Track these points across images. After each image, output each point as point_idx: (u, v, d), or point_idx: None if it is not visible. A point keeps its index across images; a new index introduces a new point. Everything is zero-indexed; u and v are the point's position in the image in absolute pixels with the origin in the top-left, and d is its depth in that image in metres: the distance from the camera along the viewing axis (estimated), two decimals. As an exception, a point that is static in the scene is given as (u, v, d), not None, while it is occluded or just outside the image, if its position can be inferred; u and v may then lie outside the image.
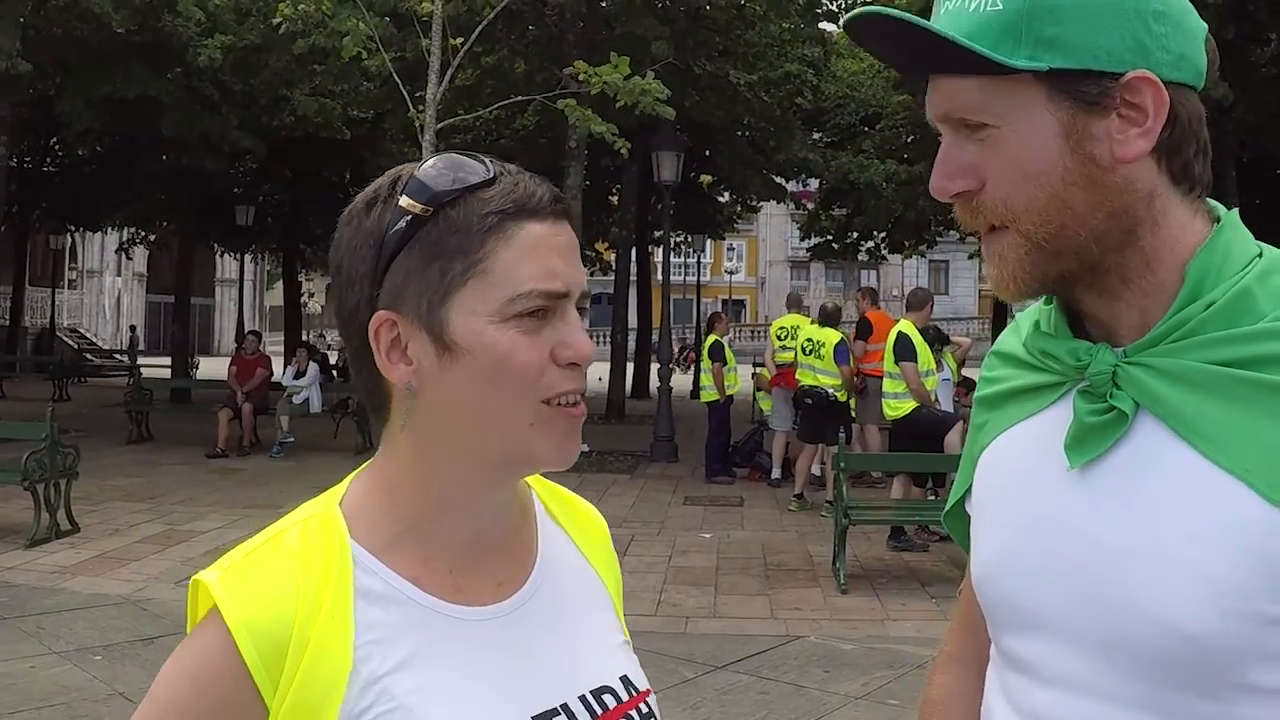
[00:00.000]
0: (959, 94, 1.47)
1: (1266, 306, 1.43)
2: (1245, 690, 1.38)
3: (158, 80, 22.45)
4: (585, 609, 1.64)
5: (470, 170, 1.44)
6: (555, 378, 1.43)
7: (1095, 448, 1.49)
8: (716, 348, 18.40)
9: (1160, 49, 1.43)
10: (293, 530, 1.47)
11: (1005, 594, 1.61)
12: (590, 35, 20.61)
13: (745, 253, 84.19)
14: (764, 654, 9.02)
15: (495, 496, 1.53)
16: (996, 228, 1.50)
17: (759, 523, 14.91)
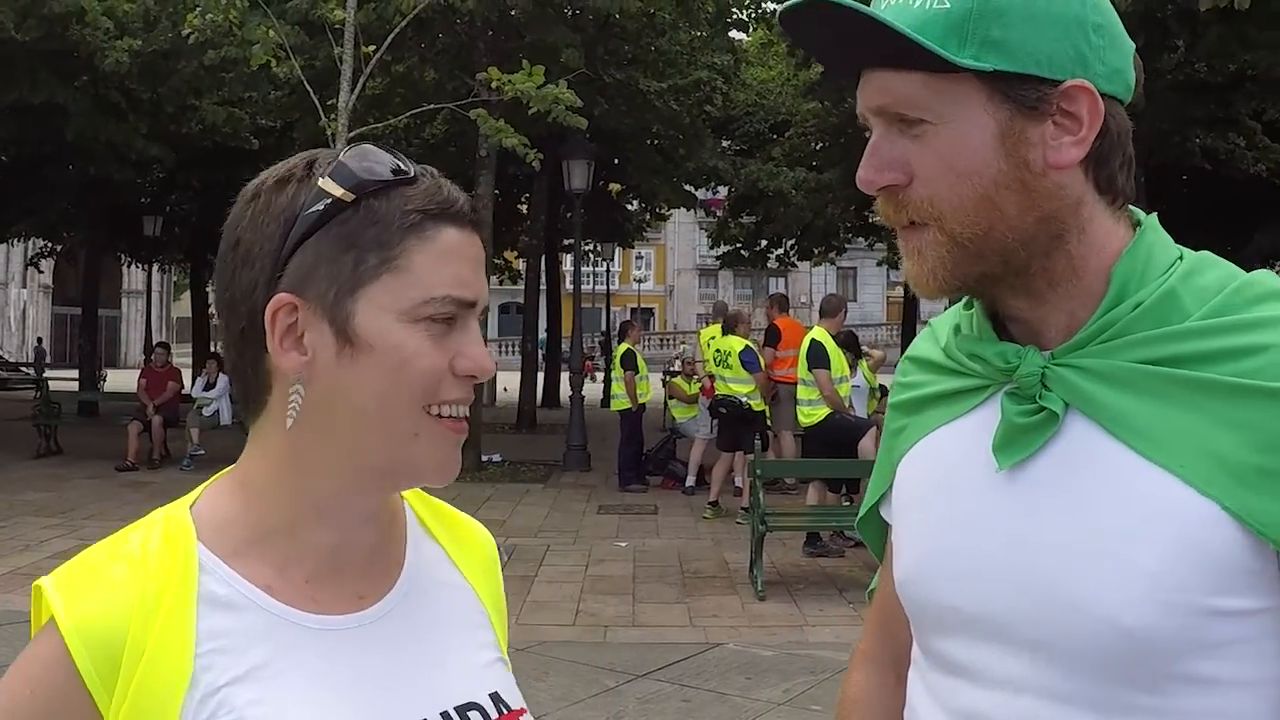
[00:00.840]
0: (897, 88, 1.47)
1: (1191, 306, 1.46)
2: (1183, 681, 1.40)
3: (65, 88, 22.16)
4: (454, 625, 1.58)
5: (394, 164, 1.40)
6: (449, 386, 1.40)
7: (1025, 448, 1.50)
8: (629, 356, 18.44)
9: (1098, 60, 1.46)
10: (135, 533, 1.42)
11: (934, 597, 1.61)
12: (501, 43, 20.56)
13: (654, 261, 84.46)
14: (685, 662, 9.02)
15: (363, 507, 1.48)
16: (917, 224, 1.50)
17: (674, 531, 14.94)
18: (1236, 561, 1.37)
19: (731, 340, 15.89)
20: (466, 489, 18.41)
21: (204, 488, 1.48)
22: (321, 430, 1.39)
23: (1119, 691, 1.43)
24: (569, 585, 11.75)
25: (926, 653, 1.67)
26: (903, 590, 1.69)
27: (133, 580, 1.34)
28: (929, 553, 1.63)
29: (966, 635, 1.56)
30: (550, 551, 13.48)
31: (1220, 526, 1.37)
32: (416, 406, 1.38)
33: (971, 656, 1.56)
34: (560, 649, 9.36)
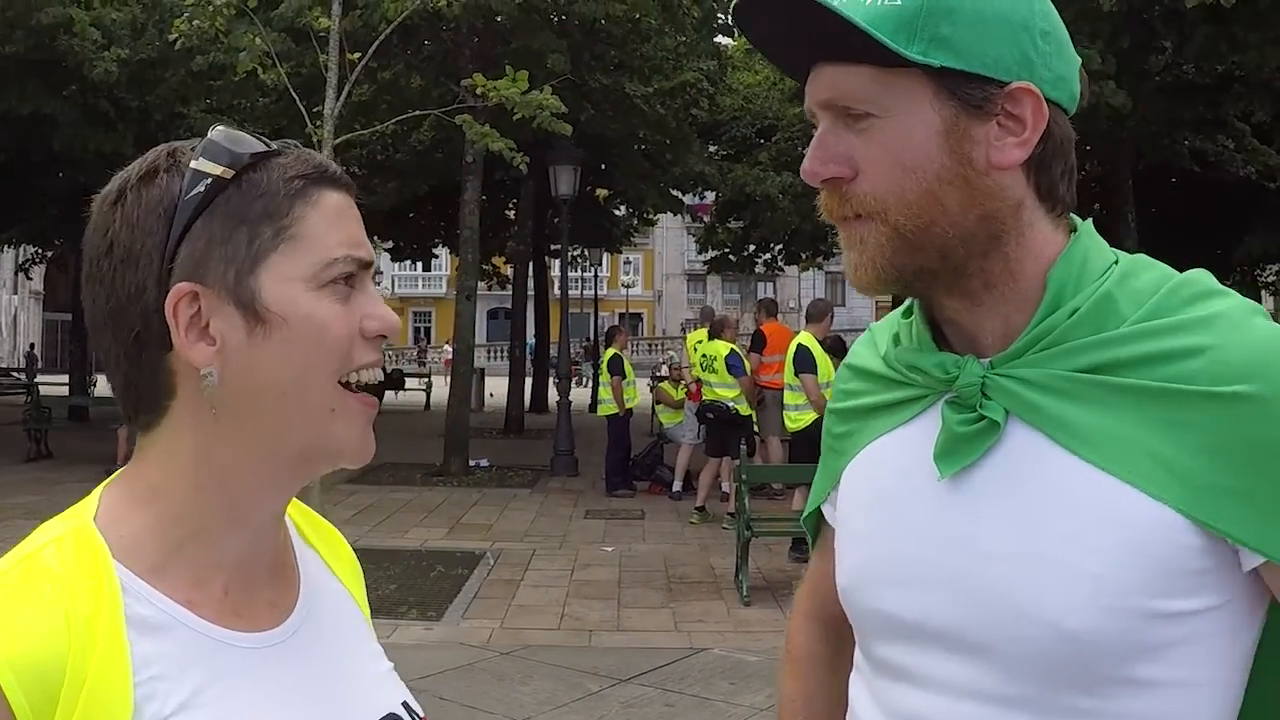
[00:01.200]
0: (846, 81, 1.48)
1: (1127, 310, 1.47)
2: (1125, 683, 1.42)
3: (53, 98, 22.13)
4: (351, 634, 1.56)
5: (261, 141, 1.37)
6: (361, 350, 1.37)
7: (966, 457, 1.52)
8: (616, 361, 18.43)
9: (1044, 66, 1.48)
10: (46, 551, 1.29)
11: (876, 604, 1.63)
12: (486, 50, 20.56)
13: (642, 266, 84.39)
14: (669, 666, 9.03)
15: (276, 505, 1.43)
16: (861, 216, 1.51)
17: (661, 536, 14.94)
18: (1185, 563, 1.39)
19: (717, 345, 15.90)
20: (454, 493, 18.44)
21: (97, 498, 1.38)
22: (236, 421, 1.33)
23: (1061, 695, 1.44)
24: (554, 590, 11.76)
25: (869, 657, 1.68)
26: (845, 597, 1.71)
27: (61, 604, 1.23)
28: (871, 560, 1.65)
29: (909, 641, 1.58)
30: (536, 556, 13.48)
31: (1171, 529, 1.38)
32: (333, 379, 1.34)
33: (914, 662, 1.57)
34: (544, 653, 9.37)
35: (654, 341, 73.52)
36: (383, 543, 14.13)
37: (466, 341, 21.66)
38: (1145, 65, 19.04)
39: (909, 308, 1.68)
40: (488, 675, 8.79)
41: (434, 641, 9.78)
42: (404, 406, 37.87)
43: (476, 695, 8.26)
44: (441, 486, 19.30)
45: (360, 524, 15.45)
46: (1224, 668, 1.46)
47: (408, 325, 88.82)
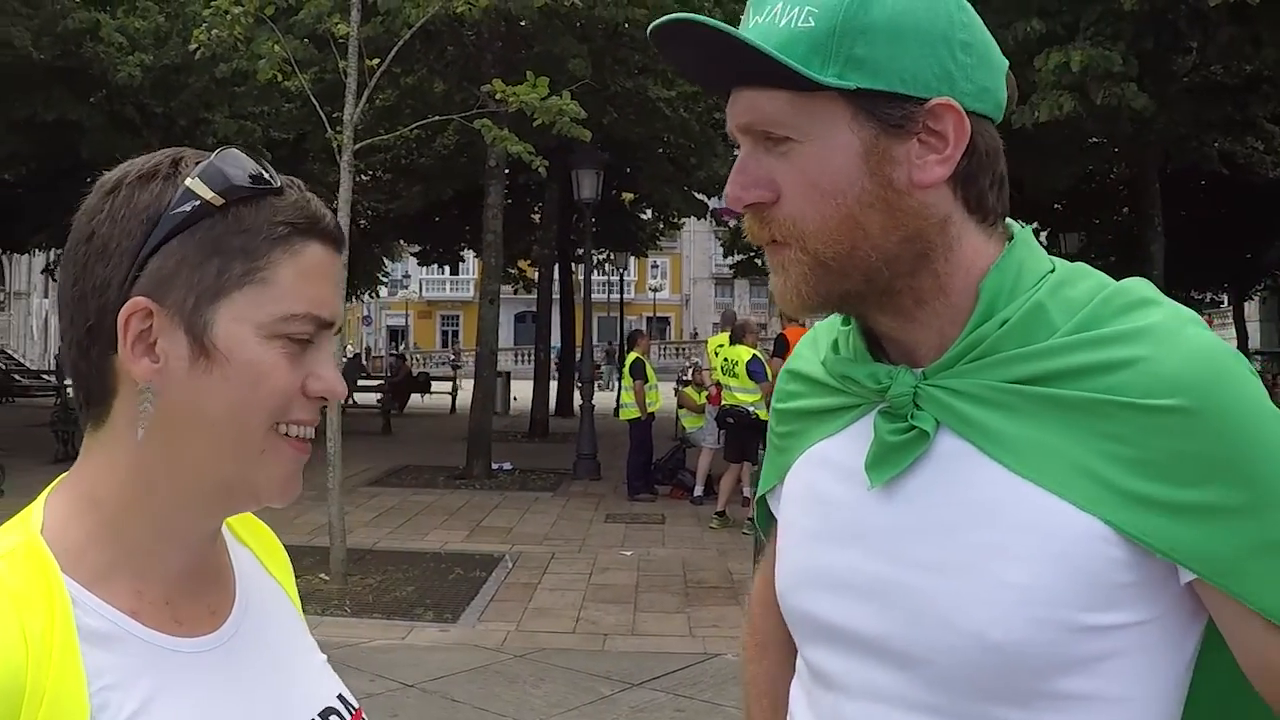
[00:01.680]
0: (763, 106, 1.47)
1: (1059, 320, 1.46)
2: (1053, 697, 1.42)
3: (79, 104, 22.25)
4: (287, 629, 1.58)
5: (261, 172, 1.36)
6: (299, 407, 1.37)
7: (895, 466, 1.51)
8: (638, 365, 18.40)
9: (965, 79, 1.46)
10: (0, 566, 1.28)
11: (808, 608, 1.64)
12: (509, 54, 20.61)
13: (669, 270, 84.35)
14: (681, 671, 9.04)
15: (210, 523, 1.44)
16: (780, 241, 1.50)
17: (680, 540, 14.92)
18: (1114, 576, 1.38)
19: (739, 350, 15.84)
20: (476, 496, 18.46)
21: (42, 507, 1.38)
22: (169, 442, 1.33)
23: (988, 708, 1.44)
24: (571, 593, 11.78)
25: (805, 661, 1.69)
26: (781, 599, 1.71)
27: (15, 618, 1.23)
28: (805, 565, 1.65)
29: (839, 648, 1.58)
30: (555, 559, 13.50)
31: (1100, 542, 1.38)
32: (266, 424, 1.34)
33: (844, 669, 1.58)
34: (558, 656, 9.39)
35: (681, 345, 73.47)
36: (403, 545, 14.19)
37: (489, 345, 21.69)
38: (1171, 67, 18.82)
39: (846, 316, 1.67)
40: (500, 677, 8.81)
41: (449, 643, 9.81)
42: (430, 409, 37.96)
43: (488, 697, 8.28)
44: (463, 489, 19.33)
45: (381, 526, 15.53)
46: (1157, 684, 1.45)
47: (435, 329, 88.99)
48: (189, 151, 1.38)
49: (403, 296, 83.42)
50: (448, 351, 74.87)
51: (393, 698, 8.07)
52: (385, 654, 9.24)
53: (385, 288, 62.08)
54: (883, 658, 1.52)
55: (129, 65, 21.05)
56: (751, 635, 2.04)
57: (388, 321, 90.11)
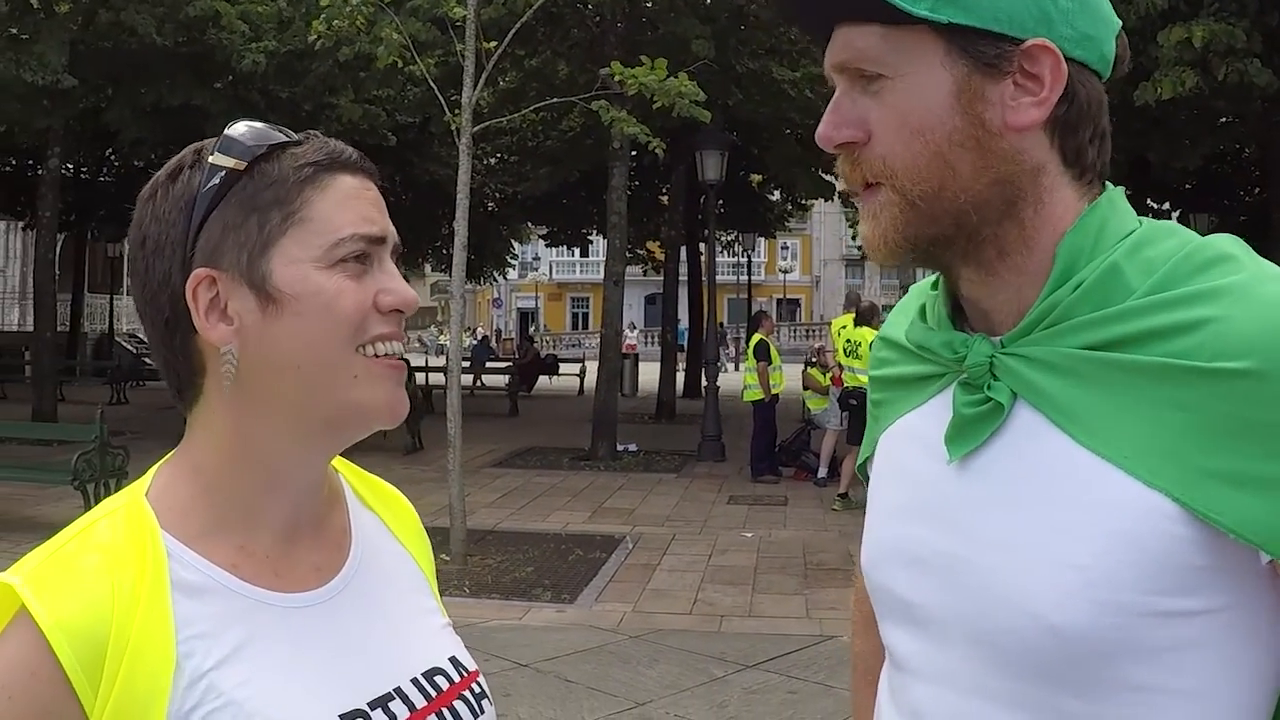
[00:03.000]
0: (857, 41, 1.44)
1: (1135, 281, 1.40)
2: (1121, 687, 1.35)
3: (204, 90, 22.66)
4: (404, 592, 1.62)
5: (278, 133, 1.45)
6: (376, 322, 1.43)
7: (973, 439, 1.46)
8: (762, 347, 18.34)
9: (1065, 23, 1.41)
10: (99, 525, 1.39)
11: (887, 584, 1.60)
12: (632, 36, 20.63)
13: (799, 251, 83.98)
14: (796, 653, 9.00)
15: (313, 473, 1.50)
16: (872, 184, 1.47)
17: (802, 522, 14.86)
18: (1184, 558, 1.31)
19: (864, 331, 15.67)
20: (599, 478, 18.57)
21: (152, 475, 1.49)
22: (262, 395, 1.41)
23: (1051, 694, 1.38)
24: (690, 575, 11.78)
25: (885, 642, 1.66)
26: (865, 576, 1.69)
27: (108, 571, 1.33)
28: (884, 539, 1.62)
29: (911, 626, 1.55)
30: (675, 541, 13.52)
31: (1168, 520, 1.30)
32: (349, 349, 1.41)
33: (914, 648, 1.54)
34: (673, 637, 9.40)
35: (811, 327, 73.12)
36: (524, 526, 14.31)
37: (615, 326, 21.76)
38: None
39: (936, 280, 1.63)
40: (614, 658, 8.83)
41: (564, 624, 9.86)
42: (558, 391, 38.15)
43: (601, 678, 8.30)
44: (587, 471, 19.44)
45: (503, 507, 15.66)
46: (1237, 677, 1.36)
47: (565, 311, 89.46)
48: (205, 141, 1.47)
49: (533, 279, 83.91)
50: (578, 334, 75.25)
51: (506, 677, 8.11)
52: (501, 634, 9.31)
53: (515, 270, 62.46)
54: (948, 638, 1.48)
55: (253, 53, 21.40)
56: (857, 610, 2.00)
57: (518, 304, 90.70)
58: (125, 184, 35.40)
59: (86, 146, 31.74)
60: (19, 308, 49.79)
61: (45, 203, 24.44)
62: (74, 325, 41.69)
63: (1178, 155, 21.44)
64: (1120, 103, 16.44)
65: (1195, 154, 22.14)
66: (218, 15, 21.25)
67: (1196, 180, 28.24)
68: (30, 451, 18.43)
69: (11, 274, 51.77)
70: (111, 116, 23.76)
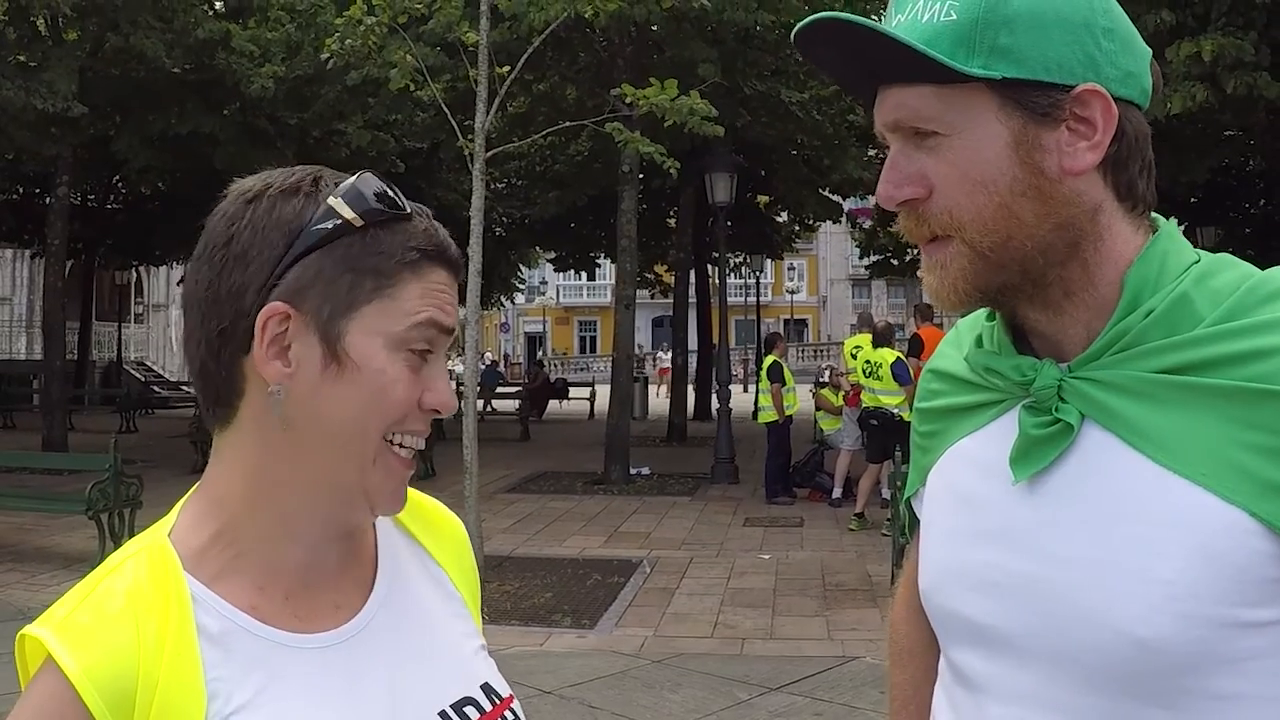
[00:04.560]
0: (911, 102, 1.48)
1: (1205, 310, 1.44)
2: (1203, 696, 1.38)
3: (212, 116, 22.73)
4: (436, 618, 1.62)
5: (395, 198, 1.45)
6: (414, 418, 1.44)
7: (1040, 460, 1.50)
8: (775, 368, 18.35)
9: (1110, 64, 1.46)
10: (125, 568, 1.40)
11: (953, 607, 1.61)
12: (640, 59, 20.66)
13: (806, 272, 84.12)
14: (819, 675, 8.97)
15: (328, 526, 1.50)
16: (939, 237, 1.51)
17: (818, 543, 14.85)
18: (1264, 570, 1.34)
19: (883, 352, 15.74)
20: (614, 502, 18.57)
21: (176, 512, 1.50)
22: (293, 444, 1.41)
23: (1136, 707, 1.41)
24: (709, 598, 11.75)
25: (948, 663, 1.67)
26: (925, 598, 1.70)
27: (132, 616, 1.34)
28: (949, 564, 1.64)
29: (983, 647, 1.56)
30: (693, 564, 13.50)
31: (1246, 534, 1.34)
32: (382, 433, 1.42)
33: (988, 669, 1.55)
34: (696, 661, 9.37)
35: (819, 347, 73.24)
36: (540, 551, 14.29)
37: (626, 350, 21.77)
38: None
39: (992, 311, 1.65)
40: (638, 683, 8.79)
41: (586, 649, 9.83)
42: (568, 415, 38.19)
43: (626, 703, 8.27)
44: (601, 495, 19.44)
45: (519, 533, 15.64)
46: None
47: (573, 335, 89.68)
48: (328, 171, 1.48)
49: (540, 303, 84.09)
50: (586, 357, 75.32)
51: (530, 704, 8.06)
52: (522, 660, 9.27)
53: (522, 294, 62.59)
54: (1028, 657, 1.50)
55: (261, 77, 21.51)
56: (894, 642, 2.03)
57: (525, 328, 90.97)
58: (133, 212, 35.56)
59: (95, 174, 31.86)
60: (27, 336, 49.94)
61: (53, 231, 24.46)
62: (82, 353, 41.77)
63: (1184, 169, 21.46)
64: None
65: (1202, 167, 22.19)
66: (228, 36, 21.32)
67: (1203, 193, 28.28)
68: (43, 481, 18.40)
69: (20, 302, 51.94)
70: (120, 145, 23.89)
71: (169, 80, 21.92)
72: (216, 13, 23.19)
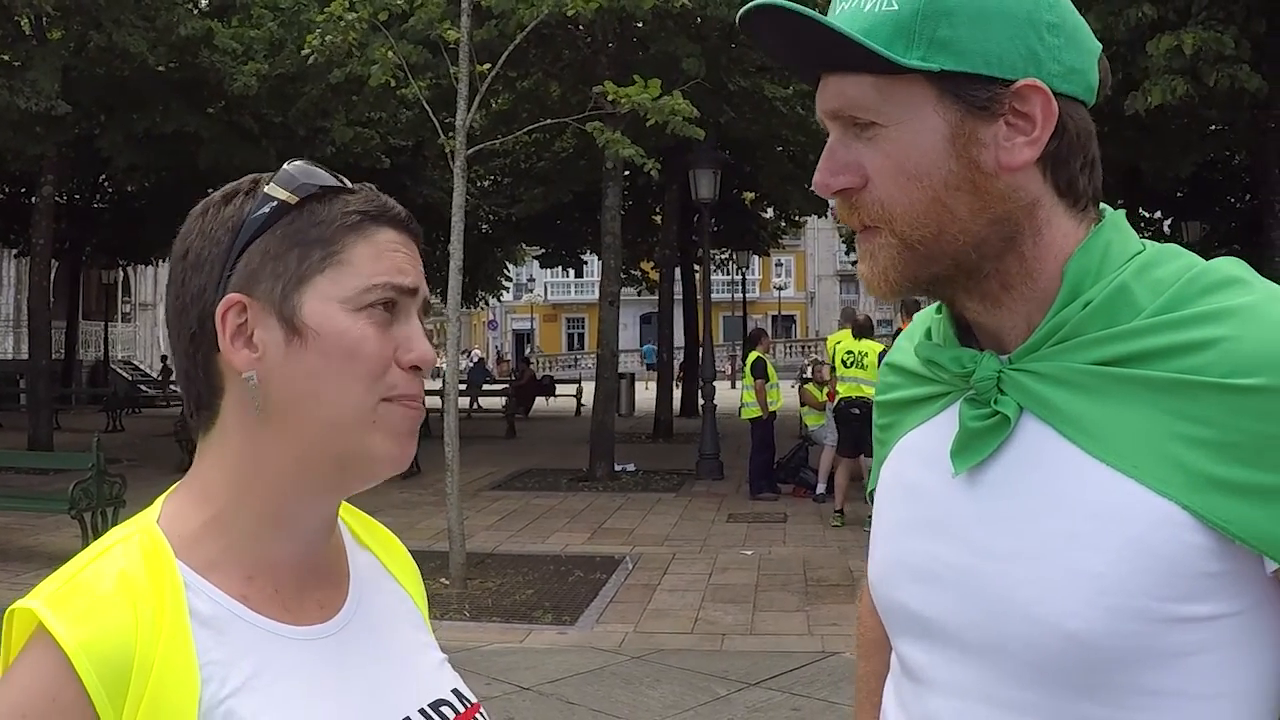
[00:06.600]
0: (850, 91, 1.47)
1: (1145, 301, 1.42)
2: (1139, 692, 1.37)
3: (196, 115, 22.71)
4: (403, 628, 1.64)
5: (335, 178, 1.48)
6: (397, 378, 1.44)
7: (979, 453, 1.49)
8: (759, 364, 18.34)
9: (1052, 60, 1.44)
10: (114, 551, 1.39)
11: (898, 599, 1.61)
12: (623, 56, 20.65)
13: (794, 268, 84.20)
14: (798, 670, 8.99)
15: (318, 516, 1.51)
16: (870, 226, 1.50)
17: (801, 539, 14.84)
18: (1197, 564, 1.34)
19: (868, 343, 15.72)
20: (598, 499, 18.55)
21: (161, 503, 1.50)
22: (278, 428, 1.43)
23: (1071, 702, 1.40)
24: (690, 594, 11.76)
25: (896, 656, 1.67)
26: (873, 591, 1.69)
27: (128, 597, 1.34)
28: (892, 555, 1.63)
29: (926, 639, 1.56)
30: (675, 560, 13.50)
31: (1178, 528, 1.33)
32: (371, 394, 1.43)
33: (930, 661, 1.55)
34: (675, 657, 9.39)
35: (807, 343, 73.26)
36: (523, 548, 14.29)
37: (610, 347, 21.77)
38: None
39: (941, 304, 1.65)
40: (616, 679, 8.81)
41: (566, 645, 9.84)
42: (555, 412, 38.16)
43: (603, 699, 8.29)
44: (586, 491, 19.44)
45: (502, 530, 15.65)
46: (1252, 680, 1.39)
47: (561, 332, 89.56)
48: (266, 174, 1.50)
49: (528, 300, 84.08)
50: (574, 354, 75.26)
51: (509, 700, 8.11)
52: (502, 657, 9.30)
53: (510, 292, 62.50)
54: (966, 650, 1.49)
55: (244, 75, 21.49)
56: (861, 634, 2.03)
57: (514, 325, 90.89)
58: (119, 211, 35.51)
59: (80, 174, 31.78)
60: (13, 335, 49.75)
61: (39, 230, 24.44)
62: (69, 352, 41.70)
63: (1169, 164, 21.54)
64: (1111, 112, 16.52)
65: (1186, 162, 22.25)
66: (210, 34, 21.30)
67: (1188, 188, 28.34)
68: (27, 480, 18.40)
69: (6, 301, 51.73)
70: (105, 143, 23.85)
71: (153, 78, 21.90)
72: (200, 10, 23.16)
